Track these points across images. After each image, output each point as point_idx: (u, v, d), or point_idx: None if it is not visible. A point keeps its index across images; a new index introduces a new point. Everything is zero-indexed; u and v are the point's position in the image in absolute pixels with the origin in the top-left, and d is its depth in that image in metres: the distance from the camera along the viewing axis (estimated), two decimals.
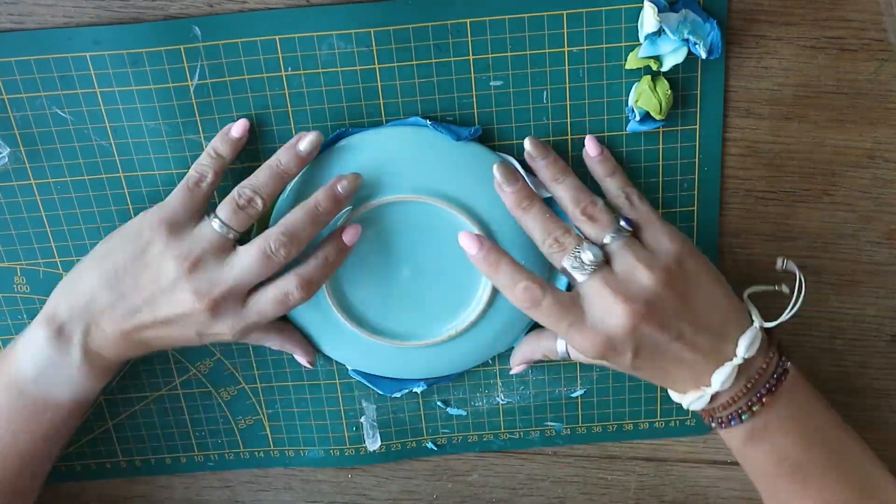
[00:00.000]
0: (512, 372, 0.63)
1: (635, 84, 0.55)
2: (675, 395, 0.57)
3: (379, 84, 0.55)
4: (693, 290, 0.54)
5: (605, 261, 0.53)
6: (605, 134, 0.57)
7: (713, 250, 0.60)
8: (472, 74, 0.55)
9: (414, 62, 0.55)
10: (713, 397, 0.55)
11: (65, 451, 0.65)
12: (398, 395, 0.64)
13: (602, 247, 0.54)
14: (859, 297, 0.62)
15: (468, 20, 0.54)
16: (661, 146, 0.57)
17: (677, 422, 0.66)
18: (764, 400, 0.55)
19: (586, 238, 0.54)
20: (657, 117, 0.55)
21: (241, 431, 0.66)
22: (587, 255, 0.53)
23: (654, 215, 0.56)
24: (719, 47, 0.52)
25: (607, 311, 0.52)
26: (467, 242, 0.54)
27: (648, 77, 0.54)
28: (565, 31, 0.54)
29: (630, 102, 0.55)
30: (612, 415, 0.66)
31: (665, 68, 0.54)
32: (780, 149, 0.58)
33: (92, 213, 0.58)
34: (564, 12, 0.53)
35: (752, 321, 0.55)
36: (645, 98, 0.54)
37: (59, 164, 0.57)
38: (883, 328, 0.63)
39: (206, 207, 0.55)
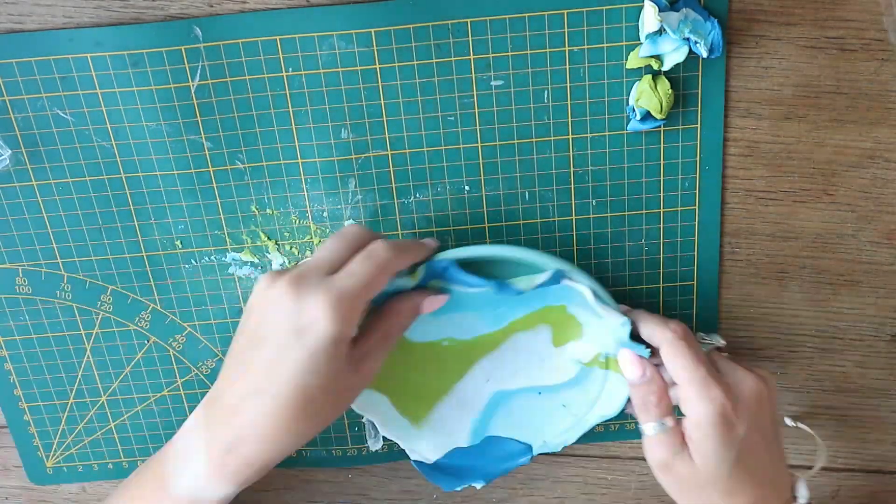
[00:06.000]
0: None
1: (636, 83, 0.55)
2: None
3: (380, 84, 0.55)
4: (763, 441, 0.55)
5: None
6: (606, 133, 0.57)
7: (714, 250, 0.60)
8: (473, 74, 0.55)
9: (415, 62, 0.55)
10: None
11: None
12: (458, 489, 0.63)
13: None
14: (859, 297, 0.62)
15: (469, 20, 0.54)
16: (661, 145, 0.57)
17: None
18: None
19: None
20: (658, 116, 0.55)
21: None
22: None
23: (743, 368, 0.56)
24: (720, 46, 0.53)
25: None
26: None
27: (649, 76, 0.54)
28: (566, 30, 0.54)
29: (631, 102, 0.55)
30: None
31: (666, 67, 0.54)
32: (780, 149, 0.58)
33: (94, 215, 0.58)
34: (565, 11, 0.53)
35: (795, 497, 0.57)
36: (646, 97, 0.54)
37: (61, 165, 0.57)
38: (883, 328, 0.63)
39: None
